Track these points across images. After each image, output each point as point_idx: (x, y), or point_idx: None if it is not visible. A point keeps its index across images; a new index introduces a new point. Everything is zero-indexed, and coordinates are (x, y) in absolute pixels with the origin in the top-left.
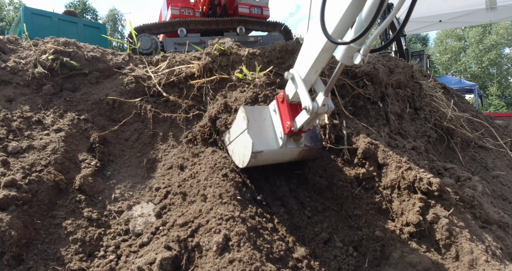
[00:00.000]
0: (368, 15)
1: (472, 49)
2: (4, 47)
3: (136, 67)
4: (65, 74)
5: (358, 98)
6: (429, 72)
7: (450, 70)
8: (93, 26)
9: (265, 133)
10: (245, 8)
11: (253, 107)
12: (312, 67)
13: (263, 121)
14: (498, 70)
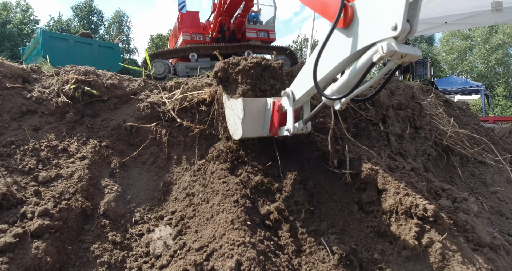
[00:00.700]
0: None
1: (478, 48)
2: (28, 77)
3: (151, 93)
4: (85, 101)
5: (360, 120)
6: (433, 79)
7: (456, 70)
8: (107, 47)
9: (255, 123)
10: (253, 32)
11: (252, 100)
12: (306, 93)
13: (257, 113)
14: (505, 69)
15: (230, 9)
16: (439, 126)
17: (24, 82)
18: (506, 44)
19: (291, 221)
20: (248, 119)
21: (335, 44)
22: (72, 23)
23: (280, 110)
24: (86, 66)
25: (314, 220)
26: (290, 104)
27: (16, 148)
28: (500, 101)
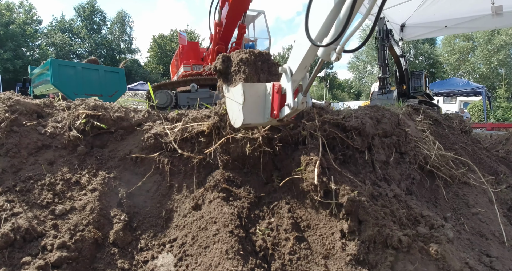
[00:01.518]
0: (341, 21)
1: (480, 49)
2: (42, 112)
3: (154, 124)
4: (95, 133)
5: (347, 148)
6: (428, 91)
7: (458, 71)
8: (112, 71)
9: (256, 109)
10: None
11: (251, 84)
12: (302, 63)
13: (257, 98)
14: (507, 70)
15: (225, 37)
16: (424, 151)
17: (38, 117)
18: (509, 45)
19: (281, 247)
20: (248, 104)
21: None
22: (75, 23)
23: (280, 91)
24: (95, 100)
25: (301, 248)
26: (288, 80)
27: (34, 183)
28: (502, 103)
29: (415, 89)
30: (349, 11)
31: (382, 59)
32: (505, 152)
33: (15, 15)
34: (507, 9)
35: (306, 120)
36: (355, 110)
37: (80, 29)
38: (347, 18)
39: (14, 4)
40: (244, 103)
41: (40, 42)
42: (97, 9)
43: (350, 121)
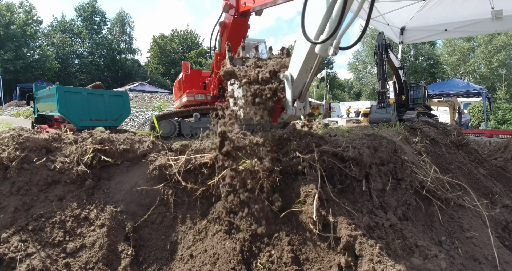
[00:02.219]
0: (335, 18)
1: (481, 50)
2: (51, 146)
3: (159, 154)
4: (102, 165)
5: (345, 177)
6: (427, 102)
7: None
8: (117, 95)
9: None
10: None
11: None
12: (302, 67)
13: None
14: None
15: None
16: (420, 177)
17: (47, 152)
18: (509, 46)
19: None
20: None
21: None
22: (75, 23)
23: (281, 104)
24: (101, 132)
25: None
26: (289, 86)
27: (45, 220)
28: (502, 104)
29: (414, 100)
30: (342, 9)
31: (381, 74)
32: (503, 161)
33: (15, 15)
34: (507, 13)
35: (305, 151)
36: (353, 138)
37: (80, 29)
38: (340, 15)
39: (14, 5)
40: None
41: (40, 43)
42: (97, 9)
43: (348, 152)
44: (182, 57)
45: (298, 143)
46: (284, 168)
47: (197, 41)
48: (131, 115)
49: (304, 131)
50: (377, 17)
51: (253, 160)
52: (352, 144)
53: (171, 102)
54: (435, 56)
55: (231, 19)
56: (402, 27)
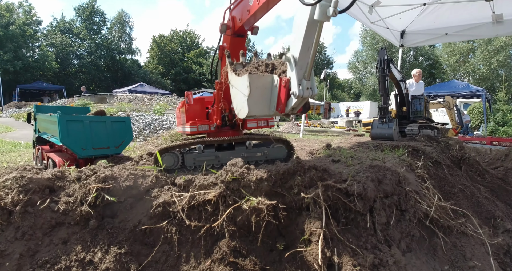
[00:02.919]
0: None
1: (480, 50)
2: (54, 186)
3: (162, 189)
4: (104, 203)
5: (350, 211)
6: (428, 115)
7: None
8: (119, 121)
9: (262, 101)
10: (253, 122)
11: (258, 76)
12: (303, 44)
13: (263, 90)
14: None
15: (227, 96)
16: (423, 207)
17: (50, 192)
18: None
19: None
20: (254, 97)
21: None
22: (75, 23)
23: (287, 86)
24: (104, 168)
25: None
26: (292, 68)
27: (51, 267)
28: (502, 106)
29: (415, 113)
30: None
31: (383, 89)
32: (504, 171)
33: (14, 16)
34: (507, 17)
35: (309, 185)
36: (357, 170)
37: (80, 30)
38: None
39: (13, 5)
40: (250, 95)
41: (40, 43)
42: (97, 10)
43: (352, 186)
44: (182, 57)
45: (302, 178)
46: (288, 203)
47: (197, 41)
48: (132, 119)
49: (308, 164)
50: (377, 21)
51: (258, 198)
52: (357, 178)
53: (171, 104)
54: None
55: (229, 40)
56: (402, 31)
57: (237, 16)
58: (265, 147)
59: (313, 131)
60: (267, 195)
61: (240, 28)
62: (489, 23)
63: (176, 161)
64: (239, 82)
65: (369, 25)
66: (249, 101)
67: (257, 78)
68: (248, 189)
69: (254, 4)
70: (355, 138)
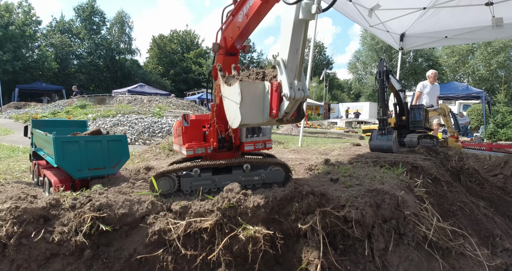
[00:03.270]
0: None
1: (480, 51)
2: (49, 215)
3: (158, 216)
4: (100, 231)
5: (348, 238)
6: (427, 124)
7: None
8: (115, 140)
9: (254, 108)
10: (250, 145)
11: (249, 83)
12: (291, 46)
13: (255, 97)
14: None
15: (222, 117)
16: (422, 230)
17: (45, 221)
18: (508, 48)
19: None
20: (246, 104)
21: None
22: (74, 23)
23: (279, 89)
24: (99, 197)
25: None
26: (281, 72)
27: None
28: (501, 107)
29: (415, 123)
30: None
31: (382, 101)
32: (504, 179)
33: (14, 16)
34: (507, 21)
35: (307, 211)
36: (356, 194)
37: (79, 30)
38: None
39: (13, 5)
40: (242, 103)
41: (39, 43)
42: (96, 10)
43: (350, 213)
44: (181, 57)
45: (299, 204)
46: (286, 230)
47: (197, 41)
48: (130, 122)
49: (306, 190)
50: (377, 25)
51: (255, 227)
52: (355, 204)
53: (170, 105)
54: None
55: (222, 59)
56: (402, 34)
57: (228, 34)
58: (262, 170)
59: (312, 132)
60: (264, 222)
61: (232, 46)
62: (489, 26)
63: (172, 185)
64: (231, 92)
65: (369, 28)
66: (241, 108)
67: (248, 85)
68: (245, 216)
69: (243, 20)
70: (353, 149)
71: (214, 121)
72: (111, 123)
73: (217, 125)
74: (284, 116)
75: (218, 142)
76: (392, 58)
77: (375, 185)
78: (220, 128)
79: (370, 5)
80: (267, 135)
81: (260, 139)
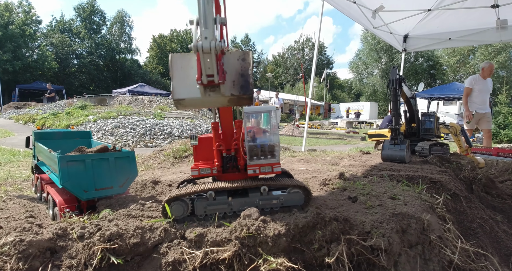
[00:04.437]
0: None
1: (481, 51)
2: (56, 247)
3: (171, 245)
4: (110, 263)
5: (374, 266)
6: (438, 133)
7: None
8: (122, 157)
9: (190, 82)
10: (254, 168)
11: (182, 55)
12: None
13: (190, 69)
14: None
15: (224, 135)
16: (447, 253)
17: (51, 254)
18: (509, 48)
19: None
20: (178, 77)
21: None
22: (75, 23)
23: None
24: (109, 225)
25: None
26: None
27: None
28: (503, 108)
29: (426, 131)
30: None
31: (395, 109)
32: None
33: (14, 15)
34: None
35: (330, 239)
36: (380, 219)
37: (79, 29)
38: None
39: (13, 5)
40: (174, 76)
41: (39, 43)
42: (96, 9)
43: (378, 242)
44: None
45: (323, 232)
46: (308, 260)
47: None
48: (132, 124)
49: (329, 216)
50: (381, 26)
51: (277, 260)
52: (381, 230)
53: (171, 106)
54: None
55: None
56: (405, 35)
57: None
58: (280, 193)
59: (313, 133)
60: (285, 252)
61: None
62: (493, 28)
63: (186, 209)
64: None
65: (372, 30)
66: (174, 83)
67: (180, 57)
68: (265, 246)
69: None
70: (364, 158)
71: (215, 140)
72: (112, 125)
73: (217, 142)
74: (210, 82)
75: (222, 162)
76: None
77: (398, 207)
78: (219, 147)
79: (374, 7)
80: (276, 157)
81: (268, 162)
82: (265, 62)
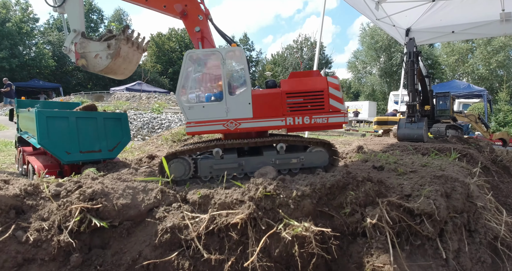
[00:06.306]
0: None
1: (479, 50)
2: (23, 205)
3: (170, 209)
4: (92, 229)
5: (416, 236)
6: (453, 114)
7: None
8: (113, 118)
9: None
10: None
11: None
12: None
13: None
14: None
15: None
16: (493, 227)
17: (17, 214)
18: (508, 47)
19: None
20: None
21: None
22: None
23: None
24: (92, 183)
25: None
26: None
27: None
28: (503, 106)
29: (441, 112)
30: None
31: (412, 84)
32: None
33: (11, 13)
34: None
35: (364, 202)
36: (420, 182)
37: None
38: None
39: (10, 2)
40: None
41: (36, 41)
42: (94, 7)
43: (421, 205)
44: (180, 56)
45: (356, 194)
46: (339, 227)
47: None
48: (129, 118)
49: (361, 175)
50: (384, 18)
51: (303, 223)
52: (423, 193)
53: (169, 102)
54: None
55: None
56: (408, 28)
57: None
58: (300, 152)
59: None
60: (309, 216)
61: None
62: (497, 21)
63: (188, 169)
64: None
65: (375, 21)
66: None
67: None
68: (286, 209)
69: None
70: (377, 139)
71: None
72: None
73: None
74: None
75: None
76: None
77: (436, 172)
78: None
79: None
80: None
81: None
82: (263, 62)
